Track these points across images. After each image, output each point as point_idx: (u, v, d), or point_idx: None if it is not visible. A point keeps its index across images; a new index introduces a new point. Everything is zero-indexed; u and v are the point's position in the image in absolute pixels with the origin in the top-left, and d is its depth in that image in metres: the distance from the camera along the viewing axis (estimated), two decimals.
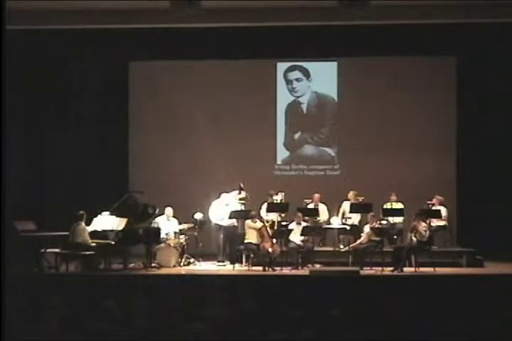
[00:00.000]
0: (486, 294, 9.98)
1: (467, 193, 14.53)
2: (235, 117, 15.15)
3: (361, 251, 12.31)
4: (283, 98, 15.36)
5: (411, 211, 12.53)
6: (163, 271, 12.09)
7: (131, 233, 12.14)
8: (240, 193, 13.07)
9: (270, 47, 14.67)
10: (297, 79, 15.38)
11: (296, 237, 12.40)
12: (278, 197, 13.15)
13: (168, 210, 12.87)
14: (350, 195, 13.38)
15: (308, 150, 15.37)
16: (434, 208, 13.04)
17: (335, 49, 14.77)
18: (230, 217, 12.72)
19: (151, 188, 13.56)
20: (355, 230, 12.87)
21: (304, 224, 12.58)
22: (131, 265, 12.25)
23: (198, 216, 12.88)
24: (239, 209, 12.93)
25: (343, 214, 13.29)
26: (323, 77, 15.31)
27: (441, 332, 6.29)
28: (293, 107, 15.38)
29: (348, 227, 12.96)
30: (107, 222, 12.25)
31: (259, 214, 12.75)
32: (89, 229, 11.97)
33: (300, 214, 12.69)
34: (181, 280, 11.28)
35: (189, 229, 12.91)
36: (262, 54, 14.91)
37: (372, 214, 12.52)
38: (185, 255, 12.66)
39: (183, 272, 12.07)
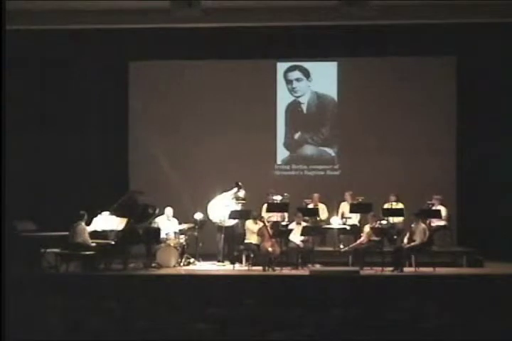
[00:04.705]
0: (486, 294, 9.99)
1: (467, 193, 14.54)
2: (235, 117, 15.15)
3: (361, 251, 12.31)
4: (283, 98, 15.37)
5: (411, 211, 12.54)
6: (163, 271, 12.09)
7: (131, 233, 12.15)
8: (238, 191, 13.07)
9: (270, 47, 14.67)
10: (297, 79, 15.39)
11: (296, 237, 12.40)
12: (278, 197, 13.15)
13: (168, 210, 12.87)
14: (347, 195, 13.41)
15: (308, 150, 15.37)
16: (434, 208, 13.05)
17: (335, 49, 14.78)
18: (230, 217, 12.72)
19: (151, 188, 13.56)
20: (355, 230, 12.89)
21: (304, 224, 12.58)
22: (131, 265, 12.25)
23: (198, 216, 12.88)
24: (239, 209, 12.93)
25: (342, 214, 13.30)
26: (323, 77, 15.31)
27: (441, 332, 6.29)
28: (293, 107, 15.39)
29: (348, 227, 12.99)
30: (107, 222, 12.27)
31: (261, 214, 12.73)
32: (89, 229, 11.98)
33: (300, 214, 12.70)
34: (181, 280, 11.29)
35: (189, 229, 12.92)
36: (262, 54, 14.92)
37: (372, 214, 12.52)
38: (185, 255, 12.67)
39: (183, 272, 12.07)
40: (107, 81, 15.01)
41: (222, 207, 12.93)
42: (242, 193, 13.12)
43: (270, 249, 12.04)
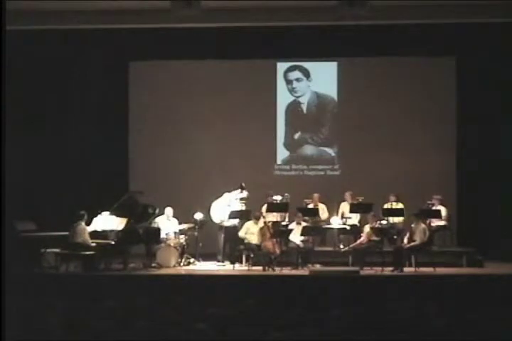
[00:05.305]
0: (486, 294, 9.98)
1: (467, 193, 14.53)
2: (235, 117, 15.16)
3: (361, 251, 12.31)
4: (283, 98, 15.37)
5: (411, 211, 12.55)
6: (163, 271, 12.09)
7: (131, 233, 12.15)
8: (241, 192, 13.08)
9: (270, 47, 14.67)
10: (297, 79, 15.38)
11: (296, 237, 12.40)
12: (278, 197, 13.14)
13: (168, 210, 12.87)
14: (347, 195, 13.42)
15: (308, 150, 15.37)
16: (434, 208, 13.04)
17: (335, 49, 14.77)
18: (230, 217, 12.72)
19: (151, 188, 13.56)
20: (355, 230, 12.89)
21: (304, 224, 12.58)
22: (131, 265, 12.25)
23: (198, 216, 12.88)
24: (239, 209, 12.92)
25: (342, 214, 13.30)
26: (323, 77, 15.31)
27: (442, 332, 6.29)
28: (293, 107, 15.38)
29: (348, 227, 12.98)
30: (107, 222, 12.27)
31: (262, 213, 12.71)
32: (89, 229, 11.98)
33: (300, 214, 12.70)
34: (181, 280, 11.29)
35: (189, 229, 12.92)
36: (262, 54, 14.92)
37: (372, 214, 12.52)
38: (185, 255, 12.67)
39: (183, 272, 12.07)
40: (107, 81, 15.01)
41: (223, 207, 12.92)
42: (245, 194, 13.12)
43: (271, 249, 12.04)
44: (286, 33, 14.16)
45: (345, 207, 13.35)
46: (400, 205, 13.11)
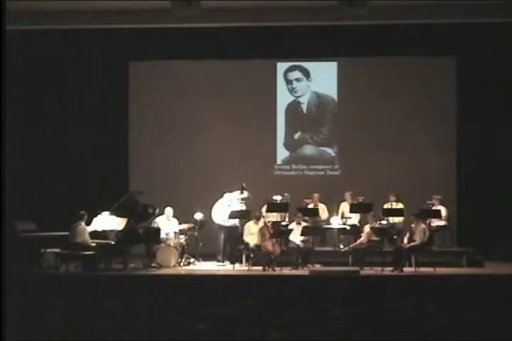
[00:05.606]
0: (486, 294, 9.98)
1: (467, 193, 14.53)
2: (235, 117, 15.16)
3: (361, 251, 12.31)
4: (283, 98, 15.37)
5: (411, 211, 12.55)
6: (163, 271, 12.10)
7: (131, 233, 12.15)
8: (242, 193, 13.08)
9: (270, 47, 14.67)
10: (297, 79, 15.38)
11: (296, 237, 12.40)
12: (278, 197, 13.13)
13: (168, 210, 12.87)
14: (347, 195, 13.42)
15: (308, 150, 15.37)
16: (434, 208, 13.04)
17: (335, 49, 14.77)
18: (230, 217, 12.72)
19: (151, 188, 13.56)
20: (355, 230, 12.89)
21: (304, 224, 12.58)
22: (131, 265, 12.25)
23: (198, 216, 12.88)
24: (239, 209, 12.92)
25: (342, 214, 13.30)
26: (323, 77, 15.31)
27: (442, 332, 6.28)
28: (293, 107, 15.38)
29: (348, 227, 12.98)
30: (107, 222, 12.27)
31: (261, 213, 12.71)
32: (89, 229, 11.98)
33: (300, 214, 12.70)
34: (181, 280, 11.29)
35: (189, 229, 12.92)
36: (262, 54, 14.92)
37: (372, 214, 12.52)
38: (185, 255, 12.67)
39: (183, 272, 12.07)
40: (107, 81, 15.01)
41: (224, 207, 12.92)
42: (245, 194, 13.12)
43: (270, 248, 12.04)
44: (286, 33, 14.17)
45: (345, 207, 13.35)
46: (400, 205, 13.11)
